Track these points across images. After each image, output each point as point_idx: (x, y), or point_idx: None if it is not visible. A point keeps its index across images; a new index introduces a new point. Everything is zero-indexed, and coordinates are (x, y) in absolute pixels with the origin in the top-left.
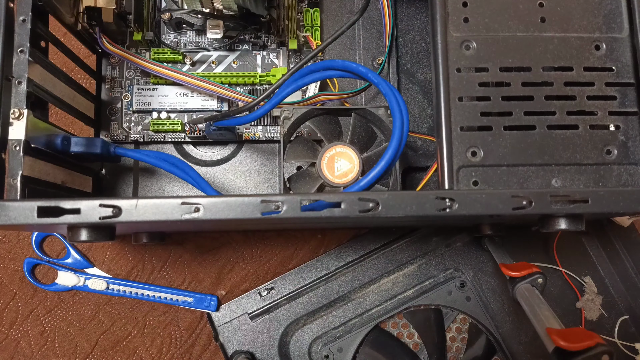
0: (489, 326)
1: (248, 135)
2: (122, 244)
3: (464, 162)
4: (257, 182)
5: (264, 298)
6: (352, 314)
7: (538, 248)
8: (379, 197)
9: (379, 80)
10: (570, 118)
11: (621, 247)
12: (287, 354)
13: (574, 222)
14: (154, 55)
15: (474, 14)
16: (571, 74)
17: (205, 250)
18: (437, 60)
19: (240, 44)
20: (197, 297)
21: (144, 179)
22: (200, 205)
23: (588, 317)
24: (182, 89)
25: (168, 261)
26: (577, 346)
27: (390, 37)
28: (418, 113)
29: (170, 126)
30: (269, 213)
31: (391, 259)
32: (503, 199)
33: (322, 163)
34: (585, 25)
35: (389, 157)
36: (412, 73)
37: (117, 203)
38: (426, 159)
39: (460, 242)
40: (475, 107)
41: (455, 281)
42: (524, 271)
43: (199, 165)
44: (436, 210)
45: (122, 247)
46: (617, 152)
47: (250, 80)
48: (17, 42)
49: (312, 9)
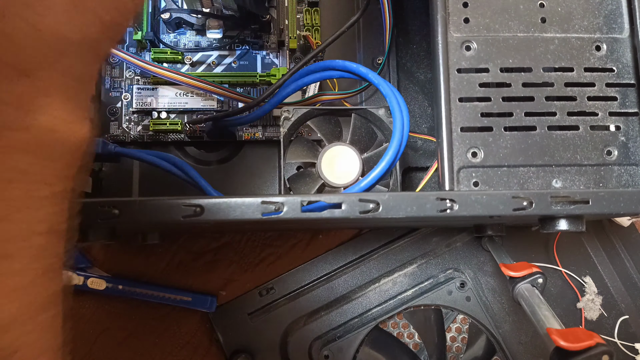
0: (489, 326)
1: (248, 135)
2: (122, 243)
3: (464, 162)
4: (257, 182)
5: (264, 298)
6: (352, 314)
7: (538, 248)
8: (380, 198)
9: (379, 80)
10: (571, 119)
11: (621, 247)
12: (287, 354)
13: (574, 222)
14: (154, 55)
15: (475, 15)
16: (572, 75)
17: (205, 250)
18: (438, 61)
19: (240, 44)
20: (197, 297)
21: (144, 179)
22: (201, 206)
23: (588, 317)
24: (182, 89)
25: (168, 261)
26: (577, 346)
27: (390, 37)
28: (418, 113)
29: (170, 126)
30: (270, 214)
31: (391, 259)
32: (504, 200)
33: (322, 163)
34: (585, 25)
35: (389, 158)
36: (412, 73)
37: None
38: (426, 159)
39: (460, 242)
40: (475, 107)
41: (455, 281)
42: (524, 271)
43: (199, 165)
44: (437, 211)
45: (122, 246)
46: (618, 153)
47: (250, 80)
48: None
49: (312, 9)
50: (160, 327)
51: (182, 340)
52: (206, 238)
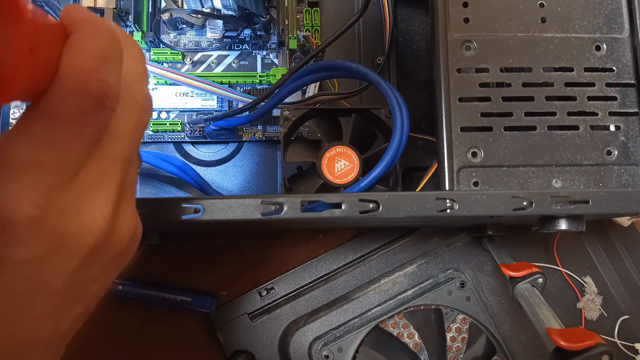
0: (489, 326)
1: (248, 135)
2: None
3: (464, 162)
4: (257, 182)
5: (264, 298)
6: (352, 314)
7: (538, 248)
8: (380, 198)
9: (379, 80)
10: (571, 119)
11: (621, 247)
12: (287, 354)
13: (574, 222)
14: (154, 55)
15: (475, 15)
16: (572, 75)
17: (205, 250)
18: (438, 61)
19: (240, 44)
20: (197, 297)
21: (144, 179)
22: (201, 206)
23: (588, 317)
24: (182, 89)
25: (168, 261)
26: (577, 346)
27: (390, 37)
28: (418, 113)
29: (170, 126)
30: (270, 214)
31: (391, 259)
32: (503, 200)
33: (322, 163)
34: (585, 25)
35: (389, 158)
36: (412, 73)
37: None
38: (426, 159)
39: (460, 242)
40: (475, 107)
41: (455, 281)
42: (524, 271)
43: (199, 165)
44: (437, 211)
45: None
46: (618, 153)
47: (250, 80)
48: None
49: (312, 9)
50: (160, 327)
51: (182, 340)
52: (206, 238)
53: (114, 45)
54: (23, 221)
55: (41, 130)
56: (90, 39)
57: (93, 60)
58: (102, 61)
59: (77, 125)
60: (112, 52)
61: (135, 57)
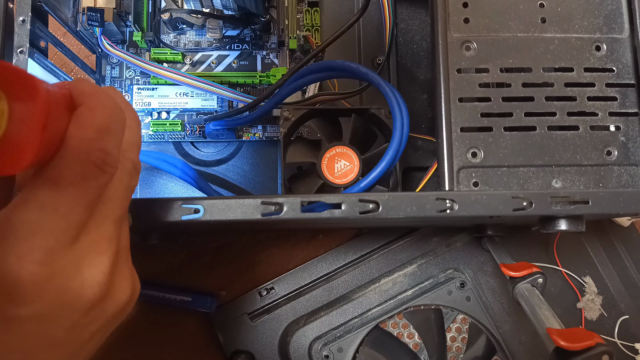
0: (489, 326)
1: (248, 135)
2: None
3: (464, 163)
4: (257, 182)
5: (264, 298)
6: (352, 314)
7: (538, 248)
8: (379, 198)
9: (379, 80)
10: (571, 119)
11: (621, 247)
12: (287, 354)
13: (574, 222)
14: (154, 55)
15: (475, 15)
16: (572, 75)
17: (205, 250)
18: (437, 61)
19: (240, 44)
20: (197, 297)
21: (144, 179)
22: (200, 206)
23: (588, 317)
24: (182, 89)
25: (168, 261)
26: (577, 346)
27: (390, 37)
28: (418, 113)
29: (170, 126)
30: (270, 214)
31: (391, 259)
32: (503, 200)
33: (322, 163)
34: (585, 25)
35: (389, 158)
36: (412, 73)
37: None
38: (426, 159)
39: (460, 242)
40: (475, 107)
41: (455, 281)
42: (524, 271)
43: (199, 165)
44: (436, 212)
45: None
46: (618, 153)
47: (250, 80)
48: (16, 42)
49: (312, 9)
50: (160, 327)
51: (182, 340)
52: (206, 238)
53: (117, 116)
54: (28, 280)
55: (46, 197)
56: (95, 111)
57: (96, 132)
58: (104, 133)
59: (79, 190)
60: (115, 123)
61: (131, 128)
